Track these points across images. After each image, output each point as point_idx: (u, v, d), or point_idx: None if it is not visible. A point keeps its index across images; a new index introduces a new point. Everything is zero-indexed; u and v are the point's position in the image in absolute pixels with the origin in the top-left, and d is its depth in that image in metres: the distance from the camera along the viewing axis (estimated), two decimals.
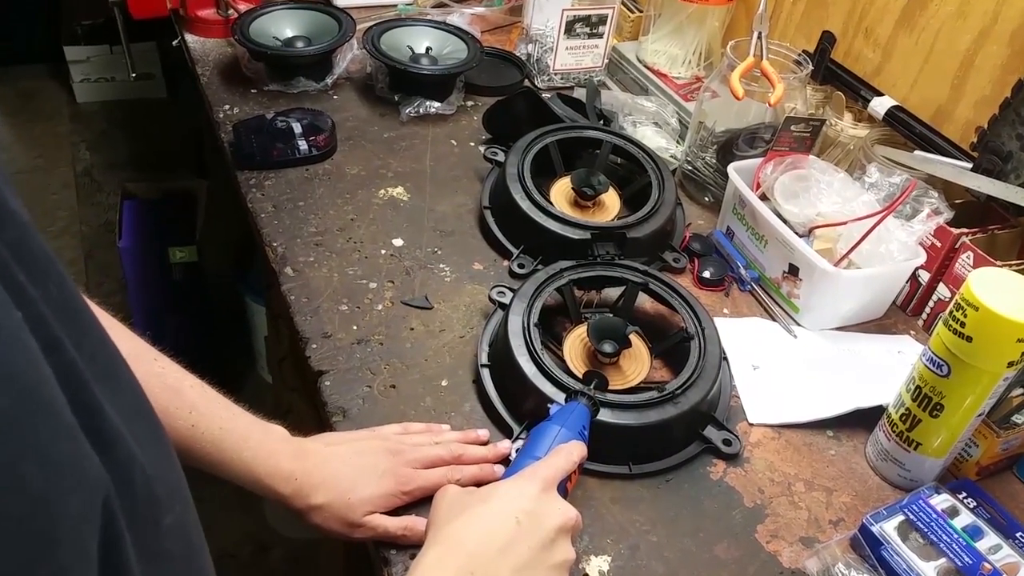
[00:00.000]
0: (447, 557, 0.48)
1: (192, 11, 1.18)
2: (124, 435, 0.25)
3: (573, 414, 0.62)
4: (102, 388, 0.25)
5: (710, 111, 0.96)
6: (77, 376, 0.23)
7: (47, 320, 0.23)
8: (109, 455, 0.24)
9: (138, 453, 0.26)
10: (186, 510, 0.30)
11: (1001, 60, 0.82)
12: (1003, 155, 0.78)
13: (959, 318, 0.60)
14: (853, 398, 0.74)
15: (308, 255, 0.86)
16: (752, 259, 0.89)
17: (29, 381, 0.20)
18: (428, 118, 1.09)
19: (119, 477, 0.24)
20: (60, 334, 0.23)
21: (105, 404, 0.25)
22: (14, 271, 0.22)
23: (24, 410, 0.19)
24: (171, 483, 0.29)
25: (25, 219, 0.24)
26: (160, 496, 0.28)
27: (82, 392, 0.23)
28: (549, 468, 0.54)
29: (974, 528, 0.63)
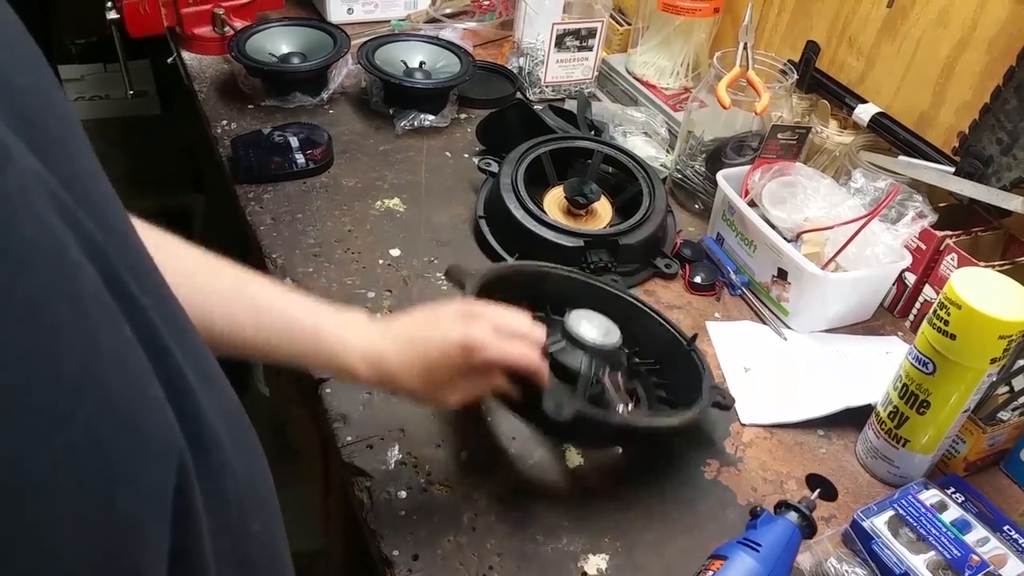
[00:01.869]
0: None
1: (189, 29, 1.19)
2: (222, 441, 0.26)
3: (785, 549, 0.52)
4: (203, 391, 0.25)
5: (698, 120, 0.98)
6: (183, 383, 0.24)
7: (158, 330, 0.23)
8: (204, 461, 0.24)
9: (232, 459, 0.27)
10: (272, 518, 0.30)
11: (980, 67, 0.84)
12: (984, 159, 0.80)
13: (943, 317, 0.62)
14: (842, 398, 0.76)
15: (307, 266, 0.87)
16: (742, 264, 0.91)
17: (127, 409, 0.20)
18: (422, 131, 1.11)
19: (211, 485, 0.24)
20: (169, 343, 0.24)
21: (205, 410, 0.25)
22: (126, 281, 0.22)
23: (119, 439, 0.20)
24: (261, 490, 0.29)
25: (127, 224, 0.24)
26: (250, 503, 0.28)
27: (185, 399, 0.24)
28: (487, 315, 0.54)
29: (962, 522, 0.64)
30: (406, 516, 0.63)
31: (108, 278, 0.21)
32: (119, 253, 0.22)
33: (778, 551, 0.51)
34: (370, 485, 0.65)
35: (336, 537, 1.03)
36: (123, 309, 0.21)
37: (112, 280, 0.21)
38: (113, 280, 0.21)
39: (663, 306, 0.88)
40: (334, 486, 0.99)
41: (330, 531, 1.06)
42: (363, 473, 0.66)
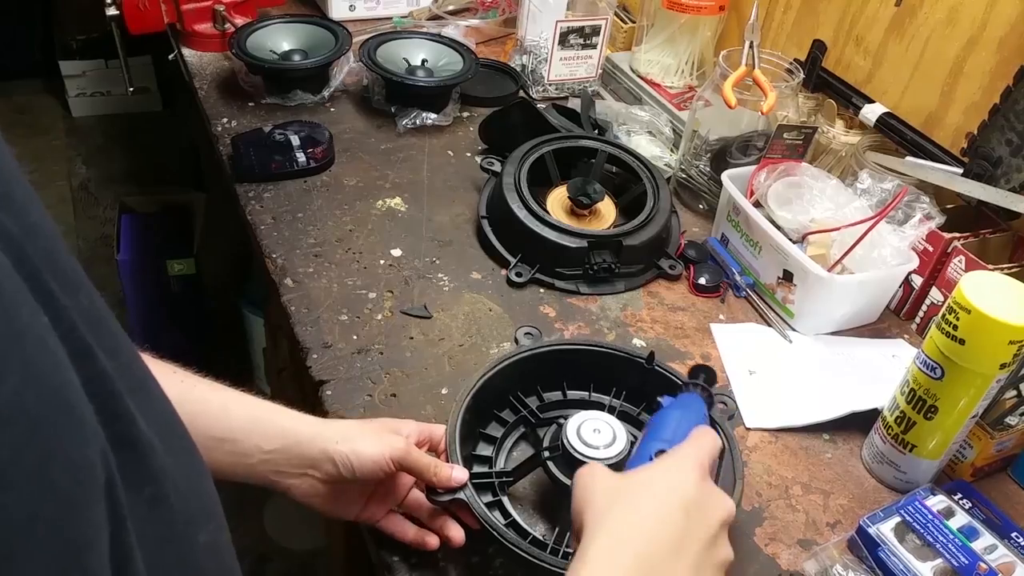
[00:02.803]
0: (616, 554, 0.41)
1: (189, 26, 1.19)
2: (157, 447, 0.25)
3: (691, 403, 0.55)
4: (135, 400, 0.25)
5: (703, 120, 0.97)
6: (109, 386, 0.24)
7: (78, 328, 0.23)
8: (140, 465, 0.24)
9: (171, 467, 0.26)
10: (220, 530, 0.30)
11: (990, 67, 0.83)
12: (993, 160, 0.79)
13: (952, 321, 0.61)
14: (848, 401, 0.75)
15: (307, 266, 0.86)
16: (747, 265, 0.90)
17: (54, 383, 0.20)
18: (425, 129, 1.10)
19: (151, 490, 0.24)
20: (92, 343, 0.23)
21: (138, 416, 0.25)
22: (45, 279, 0.22)
23: (50, 412, 0.19)
24: (204, 501, 0.29)
25: (53, 231, 0.24)
26: (195, 512, 0.27)
27: (113, 401, 0.23)
28: (700, 449, 0.47)
29: (970, 529, 0.63)
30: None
31: (25, 272, 0.21)
32: (39, 252, 0.22)
33: (687, 401, 0.55)
34: None
35: (337, 536, 1.02)
36: (41, 303, 0.21)
37: (29, 275, 0.21)
38: (31, 275, 0.21)
39: (666, 308, 0.88)
40: None
41: (331, 530, 1.06)
42: None
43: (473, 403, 0.64)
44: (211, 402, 0.51)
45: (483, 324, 0.82)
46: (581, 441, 0.60)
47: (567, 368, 0.71)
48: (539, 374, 0.70)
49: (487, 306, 0.85)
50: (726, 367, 0.80)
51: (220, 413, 0.51)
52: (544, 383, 0.71)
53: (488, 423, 0.69)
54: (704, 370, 0.62)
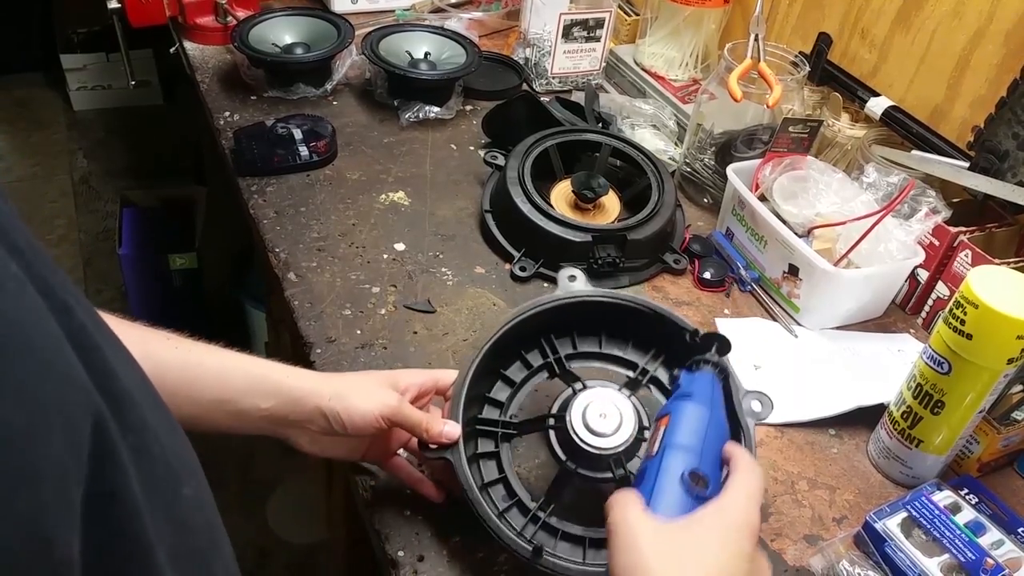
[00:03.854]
0: None
1: (191, 19, 1.18)
2: (138, 402, 0.26)
3: (714, 391, 0.52)
4: (111, 356, 0.25)
5: (708, 113, 0.96)
6: (88, 340, 0.24)
7: (53, 285, 0.23)
8: (123, 418, 0.24)
9: (151, 421, 0.26)
10: (202, 487, 0.30)
11: (997, 60, 0.83)
12: (1000, 154, 0.78)
13: (959, 316, 0.60)
14: (854, 396, 0.75)
15: (311, 260, 0.86)
16: (752, 260, 0.90)
17: (18, 319, 0.20)
18: (427, 123, 1.10)
19: (134, 440, 0.24)
20: (71, 301, 0.24)
21: (117, 369, 0.25)
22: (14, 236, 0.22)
23: (8, 347, 0.19)
24: (186, 459, 0.29)
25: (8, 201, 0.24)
26: (177, 466, 0.28)
27: (93, 354, 0.24)
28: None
29: (976, 524, 0.63)
30: (411, 516, 0.62)
31: None
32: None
33: (708, 392, 0.51)
34: (375, 484, 0.64)
35: (338, 532, 1.02)
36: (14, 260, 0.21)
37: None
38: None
39: (671, 303, 0.87)
40: (337, 481, 0.98)
41: (333, 526, 1.06)
42: (367, 472, 0.65)
43: (493, 348, 0.61)
44: (209, 365, 0.53)
45: (487, 319, 0.82)
46: (585, 426, 0.58)
47: (605, 320, 0.67)
48: (577, 322, 0.67)
49: (491, 300, 0.84)
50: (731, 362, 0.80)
51: (219, 375, 0.52)
52: (581, 329, 0.67)
53: (511, 363, 0.66)
54: (717, 338, 0.57)
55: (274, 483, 1.63)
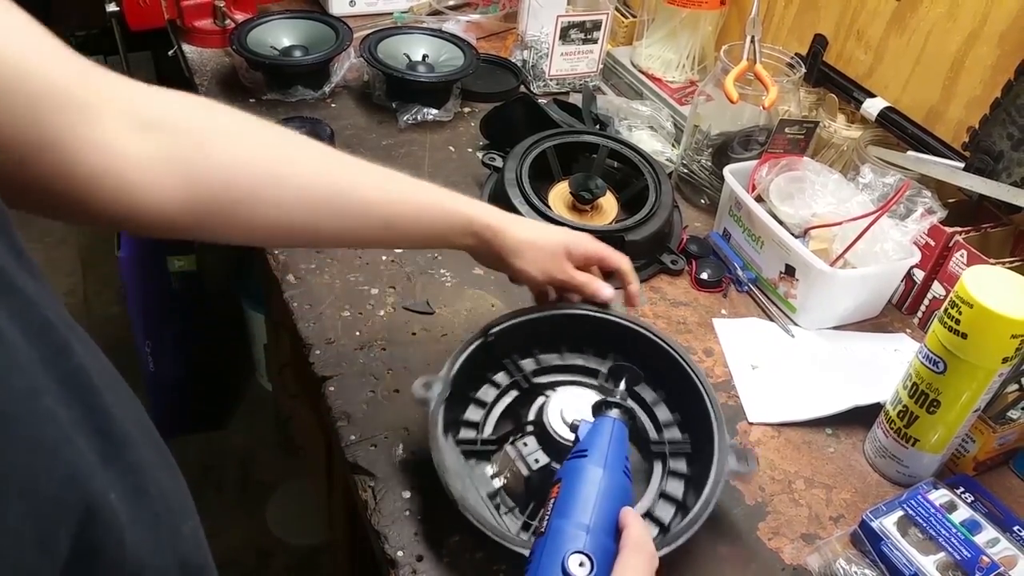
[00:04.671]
0: None
1: (189, 22, 1.18)
2: (136, 440, 0.26)
3: (612, 441, 0.50)
4: (109, 396, 0.25)
5: (705, 114, 0.97)
6: (87, 380, 0.24)
7: (53, 325, 0.23)
8: (122, 459, 0.24)
9: (148, 461, 0.26)
10: (197, 524, 0.30)
11: (991, 61, 0.83)
12: (994, 154, 0.79)
13: (954, 315, 0.61)
14: (851, 396, 0.75)
15: (309, 262, 0.86)
16: (749, 260, 0.90)
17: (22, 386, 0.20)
18: (426, 125, 1.10)
19: (134, 481, 0.24)
20: (71, 339, 0.23)
21: (114, 411, 0.25)
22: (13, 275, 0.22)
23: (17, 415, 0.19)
24: (184, 499, 0.29)
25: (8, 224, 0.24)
26: (175, 505, 0.28)
27: (92, 396, 0.24)
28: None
29: (972, 522, 0.64)
30: (410, 516, 0.63)
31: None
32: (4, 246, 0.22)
33: (605, 445, 0.49)
34: (374, 485, 0.65)
35: (340, 533, 1.02)
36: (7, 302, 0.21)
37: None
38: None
39: (669, 303, 0.88)
40: (338, 482, 0.99)
41: (334, 527, 1.06)
42: (367, 472, 0.66)
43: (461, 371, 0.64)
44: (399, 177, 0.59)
45: (486, 319, 0.82)
46: (563, 422, 0.60)
47: (565, 333, 0.71)
48: (537, 338, 0.70)
49: (489, 302, 0.85)
50: (728, 362, 0.80)
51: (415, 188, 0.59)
52: (543, 346, 0.71)
53: (480, 386, 0.68)
54: (626, 371, 0.57)
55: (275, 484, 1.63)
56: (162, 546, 0.25)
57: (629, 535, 0.45)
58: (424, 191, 0.60)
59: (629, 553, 0.44)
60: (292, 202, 0.51)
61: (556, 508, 0.46)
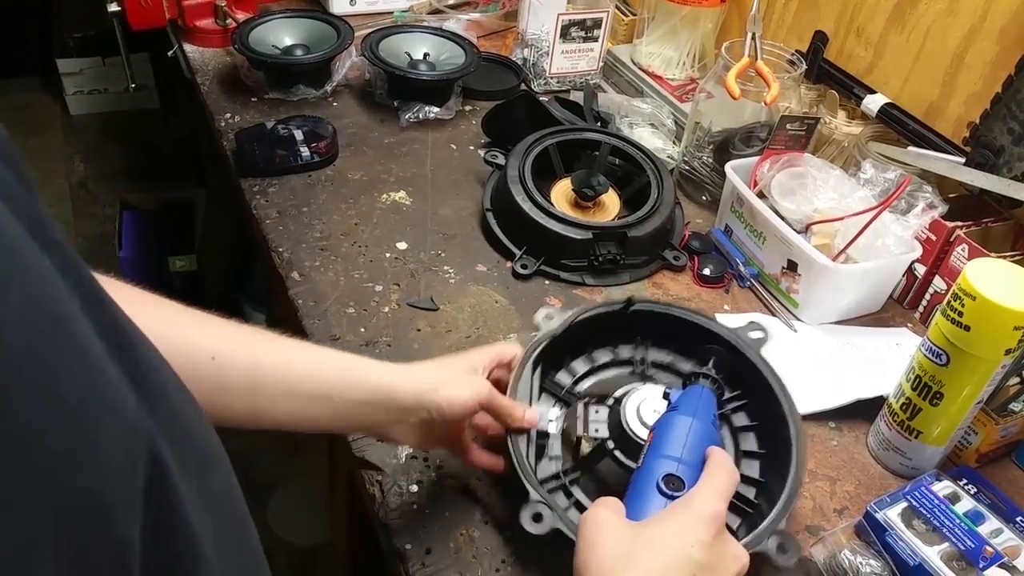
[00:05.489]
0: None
1: (191, 21, 1.18)
2: (170, 391, 0.26)
3: (700, 401, 0.55)
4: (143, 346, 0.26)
5: (706, 111, 0.97)
6: (123, 334, 0.24)
7: (88, 279, 0.23)
8: (157, 406, 0.24)
9: (182, 411, 0.27)
10: (230, 475, 0.30)
11: (991, 56, 0.84)
12: (995, 149, 0.79)
13: (957, 308, 0.61)
14: (853, 390, 0.76)
15: (314, 260, 0.87)
16: (751, 256, 0.91)
17: (58, 313, 0.20)
18: (427, 123, 1.11)
19: (170, 431, 0.24)
20: (101, 292, 0.24)
21: (153, 362, 0.26)
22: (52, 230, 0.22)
23: (55, 339, 0.20)
24: (214, 447, 0.30)
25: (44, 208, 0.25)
26: (208, 456, 0.28)
27: (129, 350, 0.24)
28: (717, 499, 0.46)
29: (975, 513, 0.64)
30: (418, 510, 0.63)
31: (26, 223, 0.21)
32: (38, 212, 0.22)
33: (694, 402, 0.55)
34: (381, 479, 0.65)
35: (341, 532, 1.03)
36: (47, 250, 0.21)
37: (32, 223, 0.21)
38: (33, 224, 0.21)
39: (672, 299, 0.88)
40: (340, 481, 0.99)
41: (336, 526, 1.06)
42: (374, 467, 0.66)
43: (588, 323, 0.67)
44: (304, 362, 0.53)
45: (489, 316, 0.82)
46: (637, 414, 0.61)
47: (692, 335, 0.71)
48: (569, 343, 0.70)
49: (493, 298, 0.85)
50: None
51: (314, 371, 0.52)
52: (573, 352, 0.72)
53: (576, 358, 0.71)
54: (714, 352, 0.62)
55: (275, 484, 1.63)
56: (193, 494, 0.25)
57: (712, 458, 0.50)
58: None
59: (711, 469, 0.49)
60: None
61: (651, 449, 0.52)
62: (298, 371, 0.51)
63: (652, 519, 0.46)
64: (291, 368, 0.51)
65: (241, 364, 0.49)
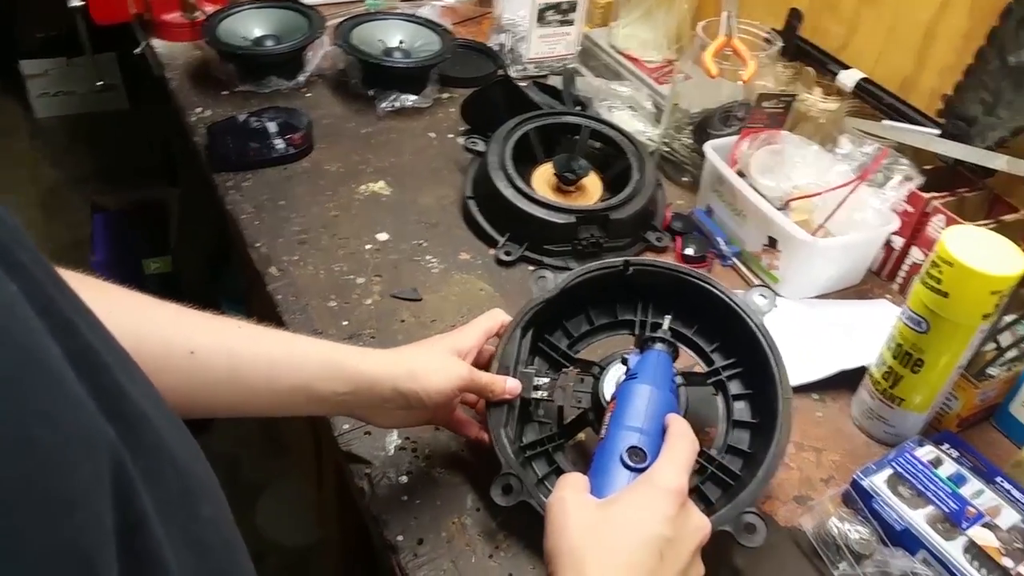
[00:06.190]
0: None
1: (157, 15, 1.16)
2: (151, 420, 0.25)
3: (659, 367, 0.55)
4: (123, 375, 0.24)
5: (684, 93, 0.98)
6: (95, 359, 0.23)
7: (57, 303, 0.22)
8: (136, 439, 0.23)
9: (166, 442, 0.26)
10: (221, 505, 0.29)
11: (962, 29, 0.85)
12: (969, 120, 0.81)
13: (935, 275, 0.62)
14: (836, 361, 0.77)
15: (292, 254, 0.86)
16: (732, 234, 0.91)
17: (27, 344, 0.20)
18: (404, 112, 1.10)
19: (149, 466, 0.23)
20: (73, 318, 0.23)
21: (128, 389, 0.24)
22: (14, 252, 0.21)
23: (26, 371, 0.19)
24: (202, 477, 0.29)
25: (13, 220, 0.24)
26: (194, 487, 0.27)
27: (102, 375, 0.23)
28: (680, 472, 0.47)
29: (958, 476, 0.65)
30: (408, 501, 0.63)
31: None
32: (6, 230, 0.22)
33: (652, 369, 0.55)
34: (370, 472, 0.65)
35: (331, 530, 1.02)
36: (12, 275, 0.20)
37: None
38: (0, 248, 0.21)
39: None
40: (328, 479, 0.98)
41: (325, 524, 1.06)
42: (362, 460, 0.65)
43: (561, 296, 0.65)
44: (284, 353, 0.52)
45: (475, 304, 0.82)
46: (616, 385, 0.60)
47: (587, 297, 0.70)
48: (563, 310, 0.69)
49: (478, 286, 0.85)
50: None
51: (294, 362, 0.52)
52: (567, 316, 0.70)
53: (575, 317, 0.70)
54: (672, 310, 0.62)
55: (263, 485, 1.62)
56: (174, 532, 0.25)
57: (672, 428, 0.51)
58: None
59: (672, 441, 0.50)
60: None
61: (612, 419, 0.52)
62: (278, 363, 0.51)
63: (617, 497, 0.46)
64: (271, 361, 0.51)
65: (220, 358, 0.49)
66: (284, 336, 0.55)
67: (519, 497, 0.56)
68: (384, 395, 0.54)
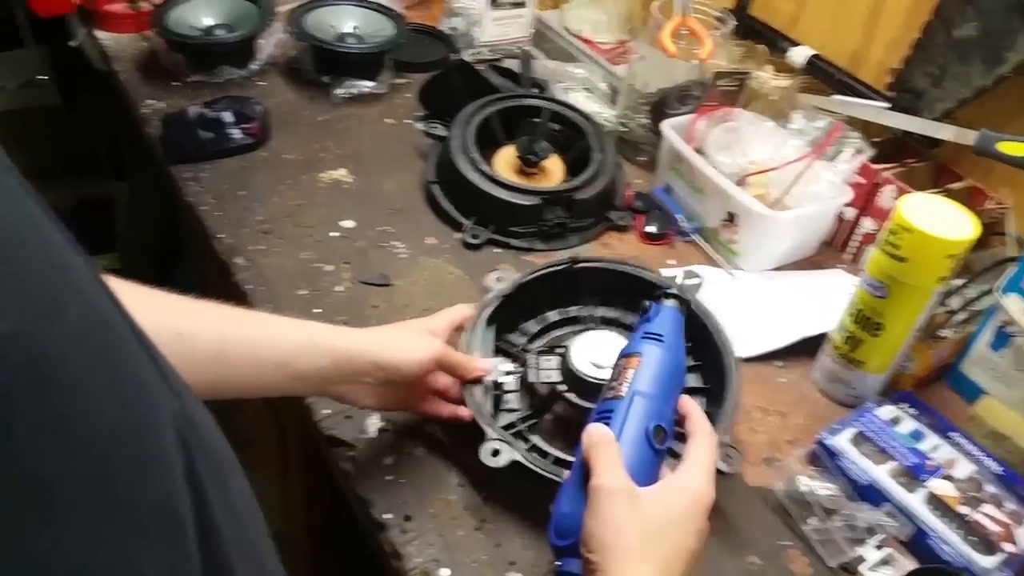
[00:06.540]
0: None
1: (100, 5, 1.12)
2: (191, 396, 0.26)
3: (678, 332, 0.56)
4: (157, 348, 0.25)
5: (640, 73, 0.99)
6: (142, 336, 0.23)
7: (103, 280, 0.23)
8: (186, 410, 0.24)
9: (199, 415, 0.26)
10: (244, 481, 0.30)
11: (908, 3, 0.88)
12: (917, 92, 0.84)
13: (894, 242, 0.65)
14: (797, 329, 0.79)
15: (257, 243, 0.84)
16: (691, 211, 0.94)
17: (108, 316, 0.20)
18: (361, 98, 1.08)
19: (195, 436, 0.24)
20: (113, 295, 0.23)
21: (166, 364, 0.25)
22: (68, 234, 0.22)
23: (111, 338, 0.20)
24: (227, 451, 0.29)
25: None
26: (223, 459, 0.28)
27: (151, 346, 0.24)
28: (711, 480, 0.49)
29: (916, 432, 0.69)
30: (393, 480, 0.63)
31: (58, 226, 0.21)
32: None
33: (675, 336, 0.56)
34: (354, 455, 0.65)
35: (298, 517, 1.02)
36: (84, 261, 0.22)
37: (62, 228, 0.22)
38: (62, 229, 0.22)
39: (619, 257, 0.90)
40: (295, 467, 0.98)
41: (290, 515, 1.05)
42: (345, 444, 0.65)
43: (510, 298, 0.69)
44: (269, 333, 0.54)
45: (444, 288, 0.82)
46: (584, 357, 0.63)
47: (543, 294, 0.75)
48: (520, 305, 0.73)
49: (446, 270, 0.85)
50: None
51: (279, 341, 0.54)
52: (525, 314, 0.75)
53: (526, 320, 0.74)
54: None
55: None
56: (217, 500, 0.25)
57: (695, 422, 0.52)
58: None
59: (699, 440, 0.51)
60: None
61: (636, 381, 0.51)
62: (264, 342, 0.53)
63: (663, 500, 0.47)
64: (255, 339, 0.53)
65: (208, 338, 0.50)
66: (266, 316, 0.57)
67: (511, 457, 0.58)
68: (364, 368, 0.56)
